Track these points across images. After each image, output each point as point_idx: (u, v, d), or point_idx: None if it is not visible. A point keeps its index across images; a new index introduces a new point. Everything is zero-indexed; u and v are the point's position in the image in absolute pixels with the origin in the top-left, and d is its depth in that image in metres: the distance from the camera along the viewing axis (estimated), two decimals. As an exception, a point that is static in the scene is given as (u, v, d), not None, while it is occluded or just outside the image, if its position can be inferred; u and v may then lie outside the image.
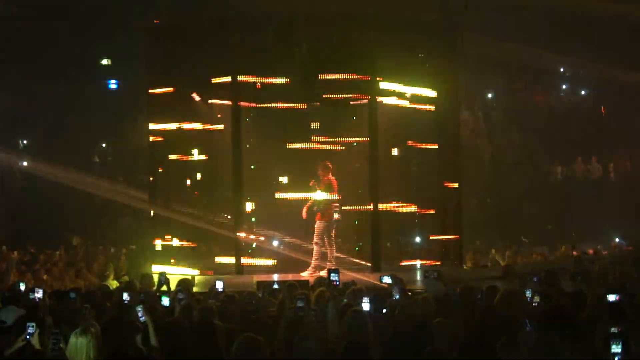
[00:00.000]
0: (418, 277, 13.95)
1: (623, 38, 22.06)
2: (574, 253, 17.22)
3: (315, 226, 14.57)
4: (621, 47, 22.12)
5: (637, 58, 21.98)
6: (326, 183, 14.55)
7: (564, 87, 26.08)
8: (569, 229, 21.28)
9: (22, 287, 10.40)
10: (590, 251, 18.02)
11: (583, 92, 25.90)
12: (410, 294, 9.17)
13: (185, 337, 6.94)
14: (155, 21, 16.80)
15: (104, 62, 24.33)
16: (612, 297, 7.99)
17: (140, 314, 7.07)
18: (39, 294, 9.29)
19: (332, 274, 8.51)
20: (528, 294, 8.55)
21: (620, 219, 20.78)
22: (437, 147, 16.38)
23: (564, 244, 19.68)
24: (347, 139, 16.45)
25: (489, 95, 26.04)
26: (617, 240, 20.40)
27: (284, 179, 16.65)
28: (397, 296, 8.62)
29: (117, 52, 23.37)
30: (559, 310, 7.00)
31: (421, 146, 16.43)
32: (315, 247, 14.53)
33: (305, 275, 14.02)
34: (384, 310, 7.79)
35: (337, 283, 8.55)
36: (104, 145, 24.99)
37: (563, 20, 21.81)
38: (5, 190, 23.53)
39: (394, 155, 16.70)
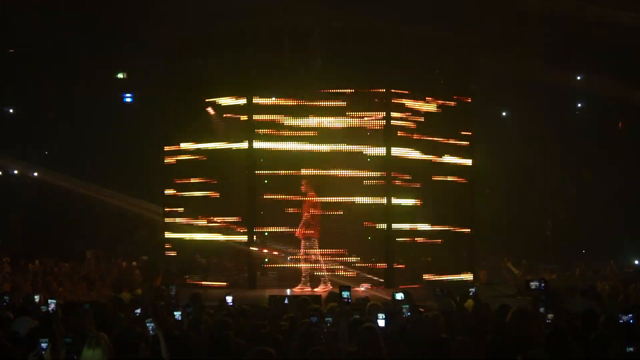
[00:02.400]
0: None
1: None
2: (589, 272, 17.16)
3: (308, 243, 14.61)
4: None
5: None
6: (311, 200, 14.56)
7: (580, 105, 25.97)
8: (583, 247, 21.20)
9: (37, 298, 10.44)
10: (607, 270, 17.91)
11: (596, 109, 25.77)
12: (422, 310, 9.14)
13: (194, 351, 6.95)
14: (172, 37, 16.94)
15: (120, 75, 24.42)
16: (626, 317, 7.94)
17: (150, 328, 7.07)
18: (52, 305, 9.32)
19: (343, 291, 8.49)
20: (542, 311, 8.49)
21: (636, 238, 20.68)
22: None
23: (578, 262, 19.59)
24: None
25: (503, 114, 25.97)
26: (636, 262, 20.29)
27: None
28: (408, 313, 8.60)
29: (133, 66, 23.48)
30: (567, 331, 6.96)
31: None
32: (305, 264, 14.57)
33: (319, 290, 14.04)
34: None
35: (349, 300, 8.54)
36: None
37: (578, 35, 21.78)
38: (19, 202, 23.66)
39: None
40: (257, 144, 15.59)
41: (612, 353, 6.91)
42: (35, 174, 23.49)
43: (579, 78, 24.36)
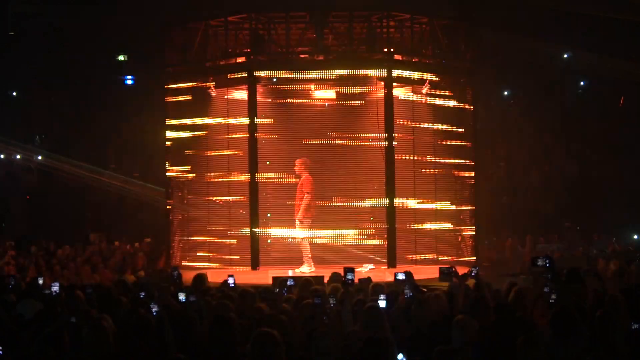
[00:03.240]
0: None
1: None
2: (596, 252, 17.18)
3: (299, 224, 14.60)
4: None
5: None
6: (306, 181, 14.59)
7: (582, 83, 25.91)
8: (586, 226, 21.19)
9: (41, 281, 10.46)
10: (609, 249, 17.93)
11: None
12: (425, 290, 9.14)
13: (198, 333, 6.96)
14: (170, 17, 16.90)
15: (120, 58, 24.38)
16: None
17: (154, 310, 7.08)
18: (55, 288, 9.32)
19: (347, 273, 8.48)
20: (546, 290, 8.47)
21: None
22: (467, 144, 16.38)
23: (581, 242, 19.61)
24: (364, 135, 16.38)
25: (505, 93, 25.93)
26: (635, 237, 20.26)
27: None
28: (410, 293, 8.60)
29: (134, 47, 23.44)
30: (572, 312, 6.93)
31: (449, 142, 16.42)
32: (303, 243, 14.60)
33: (305, 271, 14.01)
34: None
35: (352, 281, 8.54)
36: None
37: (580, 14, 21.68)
38: (22, 187, 23.68)
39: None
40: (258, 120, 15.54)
41: (617, 332, 6.90)
42: (39, 157, 23.50)
43: (565, 56, 24.31)
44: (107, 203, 22.85)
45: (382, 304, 7.62)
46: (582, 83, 25.99)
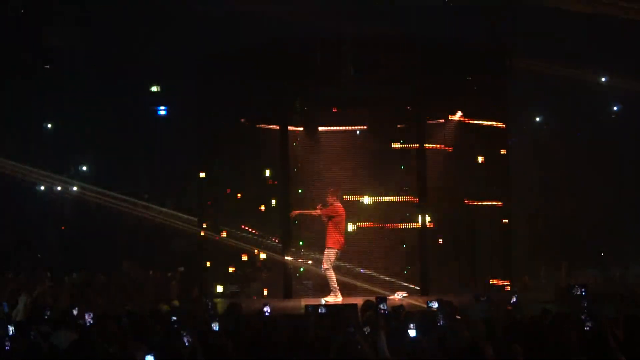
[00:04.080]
0: None
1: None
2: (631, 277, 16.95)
3: (325, 252, 14.54)
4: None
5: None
6: (333, 210, 14.54)
7: (616, 108, 25.71)
8: (621, 251, 20.93)
9: (75, 311, 10.52)
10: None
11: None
12: (459, 317, 9.07)
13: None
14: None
15: (154, 88, 24.63)
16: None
17: (185, 340, 7.08)
18: (89, 317, 9.37)
19: (380, 303, 8.44)
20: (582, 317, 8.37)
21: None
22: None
23: (616, 267, 19.35)
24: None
25: (537, 119, 25.79)
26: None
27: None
28: (442, 322, 8.53)
29: (168, 79, 23.70)
30: (608, 340, 6.84)
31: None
32: (328, 273, 14.48)
33: (330, 300, 13.94)
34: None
35: (386, 312, 8.49)
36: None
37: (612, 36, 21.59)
38: (57, 217, 23.93)
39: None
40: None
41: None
42: (74, 188, 23.75)
43: (603, 80, 24.13)
44: (140, 232, 23.00)
45: (412, 333, 7.57)
46: (615, 108, 25.78)
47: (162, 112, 24.08)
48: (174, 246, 21.87)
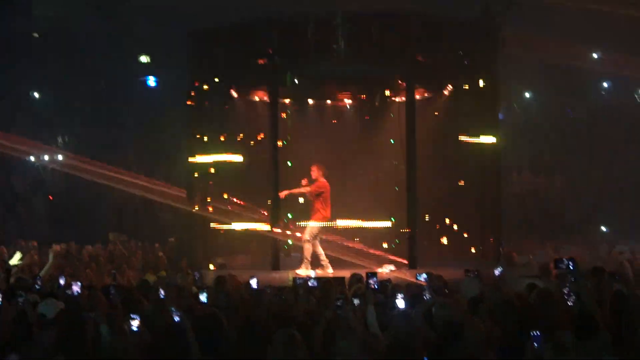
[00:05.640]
0: None
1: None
2: (615, 254, 17.04)
3: (309, 226, 14.56)
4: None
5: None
6: (319, 186, 14.55)
7: (606, 85, 25.74)
8: (609, 229, 21.07)
9: (62, 281, 10.51)
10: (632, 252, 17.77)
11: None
12: (447, 291, 9.11)
13: (222, 333, 6.96)
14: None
15: (143, 59, 24.49)
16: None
17: (175, 315, 7.08)
18: (76, 288, 9.36)
19: (370, 278, 8.45)
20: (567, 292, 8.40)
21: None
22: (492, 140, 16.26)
23: (604, 245, 19.48)
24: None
25: (527, 95, 25.79)
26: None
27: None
28: (428, 296, 8.56)
29: (158, 50, 23.57)
30: (593, 315, 6.89)
31: (470, 141, 16.31)
32: (306, 245, 14.52)
33: (302, 273, 13.94)
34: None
35: (377, 287, 8.50)
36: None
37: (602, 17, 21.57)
38: (44, 188, 23.85)
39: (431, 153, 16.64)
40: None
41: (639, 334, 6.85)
42: (60, 157, 23.65)
43: (595, 56, 24.16)
44: (129, 204, 22.97)
45: (400, 304, 7.59)
46: (605, 85, 25.83)
47: (152, 83, 23.97)
48: (163, 218, 21.88)
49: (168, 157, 22.46)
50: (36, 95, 24.76)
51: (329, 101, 16.64)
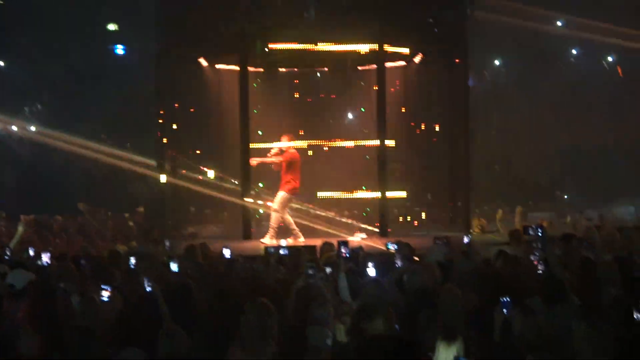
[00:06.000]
0: None
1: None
2: (583, 219, 17.24)
3: (280, 194, 14.60)
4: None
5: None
6: (289, 155, 14.57)
7: (575, 51, 25.88)
8: (578, 196, 21.29)
9: (32, 252, 10.45)
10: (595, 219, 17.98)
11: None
12: (417, 259, 9.19)
13: (193, 303, 6.98)
14: None
15: (111, 27, 24.18)
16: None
17: (147, 284, 7.08)
18: (45, 258, 9.30)
19: (342, 246, 8.48)
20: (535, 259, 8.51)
21: (630, 186, 20.77)
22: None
23: (572, 210, 19.68)
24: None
25: (497, 62, 25.86)
26: (622, 209, 20.37)
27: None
28: (399, 263, 8.63)
29: (125, 17, 23.27)
30: (561, 280, 6.99)
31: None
32: (274, 214, 14.56)
33: (266, 242, 13.97)
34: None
35: (348, 255, 8.54)
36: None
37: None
38: (14, 158, 23.58)
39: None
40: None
41: (607, 298, 6.97)
42: (28, 127, 23.37)
43: (559, 24, 24.26)
44: (98, 174, 22.79)
45: (371, 272, 7.64)
46: (574, 51, 25.95)
47: (120, 52, 23.68)
48: (133, 187, 21.73)
49: (138, 127, 22.25)
50: (1, 64, 24.39)
51: (299, 69, 16.55)
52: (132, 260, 9.19)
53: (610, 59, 25.30)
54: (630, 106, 23.36)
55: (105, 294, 7.02)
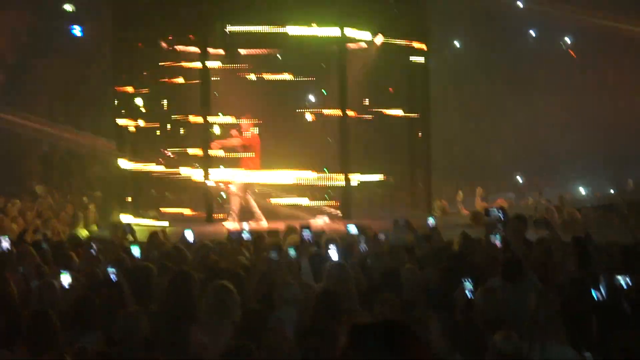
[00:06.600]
0: None
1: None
2: (541, 200, 17.46)
3: (239, 178, 14.58)
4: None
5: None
6: (250, 139, 14.56)
7: (531, 32, 26.09)
8: (536, 176, 21.52)
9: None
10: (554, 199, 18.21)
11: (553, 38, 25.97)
12: (383, 236, 9.24)
13: (155, 287, 6.94)
14: None
15: (68, 7, 23.79)
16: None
17: (112, 274, 7.02)
18: (4, 243, 9.14)
19: (304, 231, 8.46)
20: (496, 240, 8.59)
21: (586, 166, 21.07)
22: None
23: (531, 191, 19.92)
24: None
25: (456, 43, 25.97)
26: (581, 188, 20.68)
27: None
28: (363, 246, 8.65)
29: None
30: (520, 260, 7.11)
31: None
32: (234, 198, 14.55)
33: (229, 225, 13.94)
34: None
35: (310, 240, 8.54)
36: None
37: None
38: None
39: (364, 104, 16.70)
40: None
41: (565, 278, 7.10)
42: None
43: (522, 5, 24.46)
44: (55, 156, 22.49)
45: (333, 255, 7.66)
46: (531, 32, 26.17)
47: (77, 33, 23.32)
48: (92, 170, 21.50)
49: (96, 108, 21.98)
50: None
51: (260, 51, 16.44)
52: (93, 244, 9.09)
53: (567, 39, 25.56)
54: (583, 85, 23.67)
55: (65, 279, 6.96)
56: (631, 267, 7.15)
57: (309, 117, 16.49)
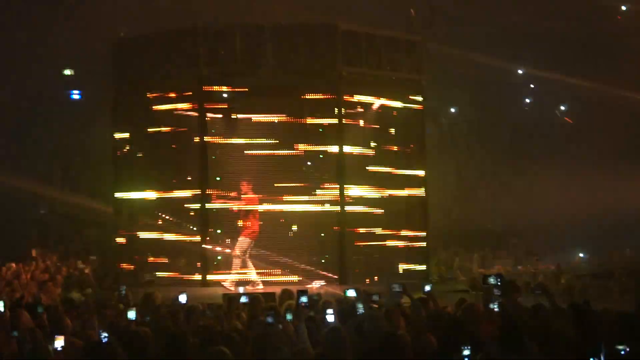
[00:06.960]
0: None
1: (588, 52, 22.47)
2: (539, 267, 17.41)
3: (239, 240, 14.57)
4: (587, 61, 22.50)
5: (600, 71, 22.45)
6: (248, 202, 14.65)
7: (528, 100, 26.35)
8: (533, 242, 21.48)
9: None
10: (552, 266, 18.15)
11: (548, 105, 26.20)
12: (376, 306, 9.16)
13: (150, 351, 6.86)
14: (122, 34, 16.78)
15: (67, 72, 24.05)
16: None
17: (103, 337, 6.96)
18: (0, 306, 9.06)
19: (301, 296, 8.40)
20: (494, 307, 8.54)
21: (583, 234, 21.04)
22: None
23: (528, 258, 19.86)
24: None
25: (452, 110, 26.20)
26: (580, 255, 20.62)
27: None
28: (361, 310, 8.58)
29: (81, 62, 23.17)
30: (520, 327, 7.04)
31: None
32: (236, 260, 14.57)
33: (226, 287, 13.89)
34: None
35: (307, 305, 8.46)
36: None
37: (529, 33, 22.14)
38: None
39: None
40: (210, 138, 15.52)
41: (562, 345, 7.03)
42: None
43: (520, 72, 24.75)
44: (52, 220, 22.47)
45: (330, 318, 7.60)
46: (527, 100, 26.43)
47: (76, 96, 23.52)
48: (88, 234, 21.47)
49: (94, 172, 22.05)
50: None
51: (257, 116, 16.57)
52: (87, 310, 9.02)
53: (562, 107, 25.80)
54: (578, 154, 23.78)
55: (59, 343, 6.88)
56: (631, 335, 7.09)
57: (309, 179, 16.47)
